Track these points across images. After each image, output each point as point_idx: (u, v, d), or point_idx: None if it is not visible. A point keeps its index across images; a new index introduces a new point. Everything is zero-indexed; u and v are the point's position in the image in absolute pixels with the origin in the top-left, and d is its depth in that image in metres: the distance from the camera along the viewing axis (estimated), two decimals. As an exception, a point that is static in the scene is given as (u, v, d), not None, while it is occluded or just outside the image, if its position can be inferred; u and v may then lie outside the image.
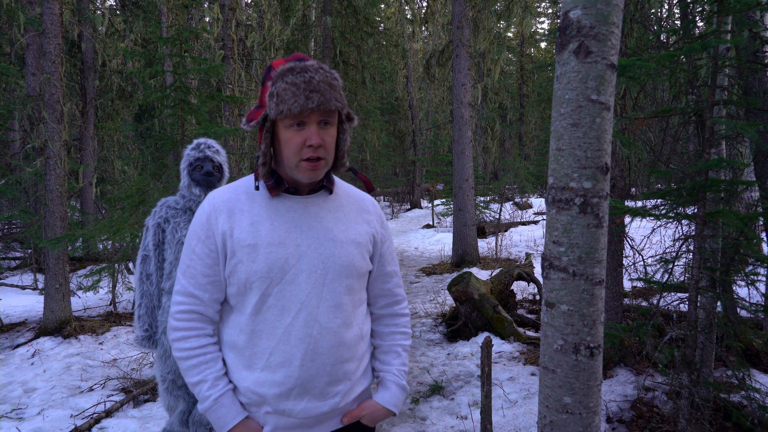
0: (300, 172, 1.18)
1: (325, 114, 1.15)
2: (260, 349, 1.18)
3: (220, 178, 2.53)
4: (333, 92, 1.14)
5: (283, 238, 1.19)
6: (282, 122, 1.15)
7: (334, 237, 1.23)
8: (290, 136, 1.15)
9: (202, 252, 1.22)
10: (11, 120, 8.63)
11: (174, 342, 1.22)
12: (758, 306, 3.01)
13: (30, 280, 8.30)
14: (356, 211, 1.32)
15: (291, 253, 1.19)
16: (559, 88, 1.49)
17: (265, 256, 1.17)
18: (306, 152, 1.15)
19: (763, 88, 3.31)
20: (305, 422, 1.21)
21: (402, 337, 1.42)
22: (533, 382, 3.81)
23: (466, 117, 8.67)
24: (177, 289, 1.24)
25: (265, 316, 1.18)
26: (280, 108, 1.12)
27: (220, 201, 1.23)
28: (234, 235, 1.19)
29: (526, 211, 15.78)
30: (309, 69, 1.14)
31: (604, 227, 1.48)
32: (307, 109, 1.11)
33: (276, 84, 1.14)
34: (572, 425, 1.49)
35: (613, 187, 4.00)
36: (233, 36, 7.71)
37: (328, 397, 1.22)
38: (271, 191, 1.22)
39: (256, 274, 1.17)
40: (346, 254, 1.24)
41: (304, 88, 1.11)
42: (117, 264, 5.75)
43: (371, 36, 13.20)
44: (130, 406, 3.66)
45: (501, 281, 5.49)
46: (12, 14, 7.14)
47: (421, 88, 24.12)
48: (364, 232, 1.30)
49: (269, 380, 1.18)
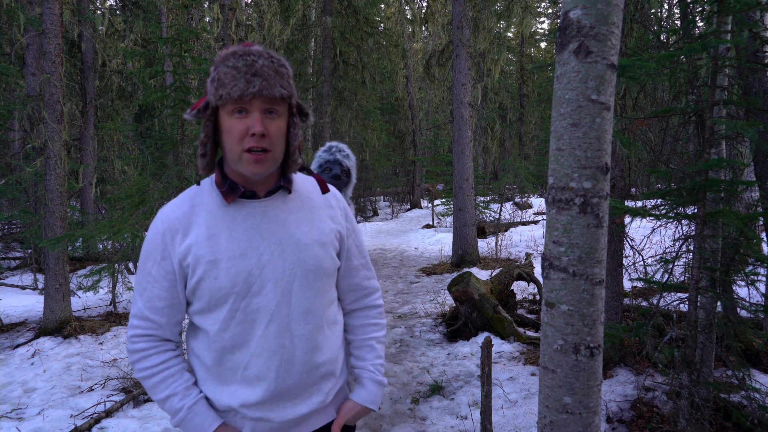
0: (243, 165, 1.09)
1: (270, 102, 1.07)
2: (234, 363, 1.15)
3: (347, 183, 2.57)
4: (279, 79, 1.07)
5: (244, 249, 1.13)
6: (223, 109, 1.08)
7: (297, 240, 1.17)
8: (232, 123, 1.07)
9: (158, 274, 1.15)
10: (11, 120, 8.63)
11: (134, 363, 1.18)
12: (758, 306, 3.01)
13: (30, 280, 8.30)
14: (318, 208, 1.26)
15: (254, 264, 1.13)
16: (559, 88, 1.49)
17: (227, 270, 1.11)
18: (248, 141, 1.07)
19: (763, 88, 3.31)
20: (283, 425, 1.20)
21: (375, 328, 1.38)
22: (533, 382, 3.81)
23: (466, 117, 8.67)
24: (133, 312, 1.19)
25: (235, 331, 1.14)
26: (220, 92, 1.05)
27: (174, 218, 1.15)
28: (192, 252, 1.12)
29: (526, 211, 15.78)
30: (252, 53, 1.07)
31: (604, 227, 1.48)
32: (247, 93, 1.04)
33: (218, 69, 1.07)
34: (572, 425, 1.49)
35: (613, 187, 4.00)
36: (233, 36, 7.71)
37: (306, 399, 1.20)
38: (226, 197, 1.14)
39: (220, 290, 1.12)
40: (312, 257, 1.19)
41: (245, 72, 1.04)
42: (117, 264, 5.75)
43: (371, 36, 13.19)
44: (130, 406, 3.66)
45: (501, 281, 5.49)
46: (12, 14, 7.14)
47: (421, 88, 24.11)
48: (329, 229, 1.24)
49: (245, 394, 1.16)
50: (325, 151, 2.55)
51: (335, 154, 2.53)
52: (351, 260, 1.34)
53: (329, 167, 2.50)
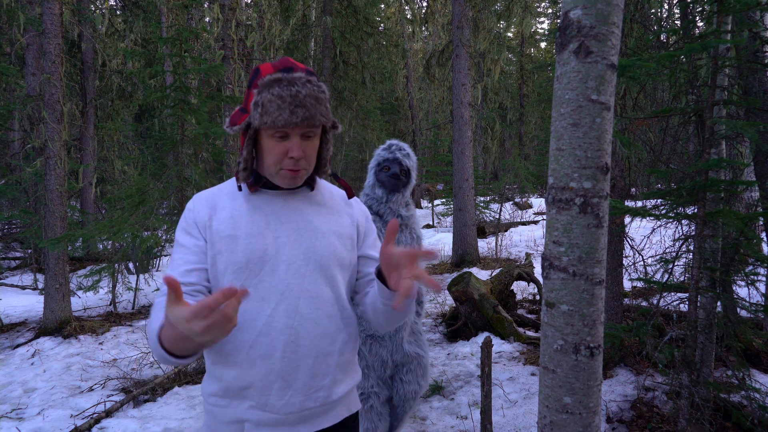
0: (279, 179, 1.20)
1: (309, 127, 1.16)
2: (240, 342, 1.16)
3: (406, 183, 2.44)
4: (318, 107, 1.15)
5: (262, 230, 1.19)
6: (265, 131, 1.16)
7: (314, 228, 1.23)
8: (272, 145, 1.16)
9: (189, 242, 1.20)
10: (11, 120, 8.64)
11: (153, 311, 1.10)
12: (758, 306, 3.01)
13: (30, 280, 8.30)
14: (338, 205, 1.32)
15: (270, 244, 1.18)
16: (559, 88, 1.49)
17: (244, 246, 1.17)
18: (287, 163, 1.17)
19: (763, 88, 3.31)
20: (288, 418, 1.18)
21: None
22: (533, 382, 3.81)
23: (466, 117, 8.67)
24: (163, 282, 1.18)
25: (245, 308, 1.16)
26: (264, 119, 1.12)
27: (203, 197, 1.25)
28: (213, 227, 1.19)
29: (526, 211, 15.79)
30: (296, 82, 1.13)
31: (604, 227, 1.48)
32: (291, 123, 1.11)
33: (262, 94, 1.14)
34: (572, 425, 1.49)
35: (613, 187, 4.01)
36: (233, 36, 7.72)
37: (312, 391, 1.19)
38: (250, 187, 1.23)
39: (235, 264, 1.16)
40: (328, 245, 1.23)
41: (289, 102, 1.11)
42: (117, 264, 5.75)
43: (371, 36, 13.19)
44: (130, 406, 3.66)
45: (501, 281, 5.49)
46: (12, 14, 7.14)
47: (421, 88, 24.12)
48: (347, 224, 1.30)
49: (250, 374, 1.16)
50: (385, 149, 2.43)
51: (395, 152, 2.40)
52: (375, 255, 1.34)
53: (388, 165, 2.38)
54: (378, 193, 2.39)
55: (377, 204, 2.40)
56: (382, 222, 2.41)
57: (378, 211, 2.42)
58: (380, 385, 2.43)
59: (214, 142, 5.16)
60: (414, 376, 2.49)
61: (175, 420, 3.39)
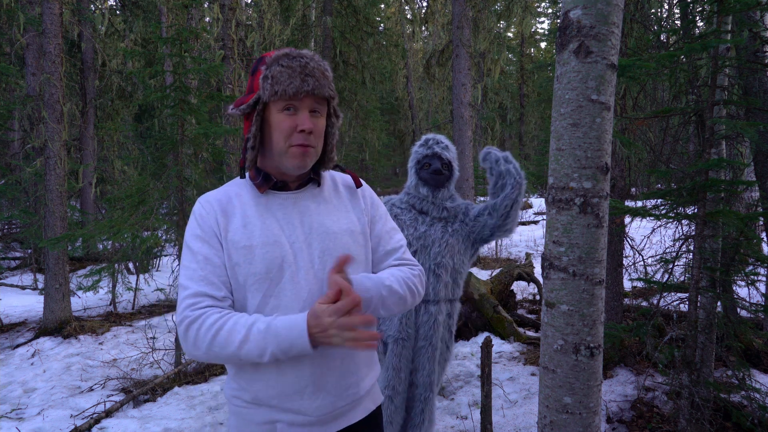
0: (289, 159, 1.17)
1: (317, 102, 1.17)
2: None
3: (449, 177, 2.33)
4: (326, 80, 1.17)
5: (277, 237, 1.18)
6: (274, 105, 1.16)
7: (327, 229, 1.22)
8: (282, 119, 1.15)
9: (210, 253, 1.16)
10: (11, 120, 8.63)
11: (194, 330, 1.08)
12: (758, 306, 3.01)
13: (30, 280, 8.30)
14: (346, 199, 1.32)
15: (287, 251, 1.17)
16: (559, 88, 1.49)
17: (262, 256, 1.15)
18: (297, 138, 1.16)
19: (763, 88, 3.31)
20: (321, 419, 1.19)
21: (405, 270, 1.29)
22: (533, 382, 3.81)
23: (466, 117, 8.67)
24: (184, 295, 1.12)
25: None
26: (275, 89, 1.13)
27: (213, 200, 1.21)
28: (229, 238, 1.17)
29: (526, 211, 15.80)
30: (304, 56, 1.17)
31: (604, 227, 1.48)
32: (302, 91, 1.13)
33: (271, 68, 1.16)
34: (572, 425, 1.49)
35: (613, 187, 4.01)
36: (233, 36, 7.72)
37: (342, 390, 1.20)
38: (260, 188, 1.21)
39: (255, 275, 1.14)
40: (342, 246, 1.23)
41: (299, 72, 1.14)
42: (117, 264, 5.74)
43: (371, 36, 13.19)
44: (130, 406, 3.66)
45: (501, 281, 5.49)
46: (12, 14, 7.13)
47: (421, 88, 24.11)
48: (357, 219, 1.30)
49: (280, 382, 1.15)
50: (422, 145, 2.31)
51: (433, 147, 2.28)
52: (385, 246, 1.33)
53: (428, 162, 2.27)
54: (423, 192, 2.30)
55: (420, 202, 2.32)
56: (430, 219, 2.31)
57: (422, 209, 2.33)
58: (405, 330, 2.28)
59: (214, 142, 5.16)
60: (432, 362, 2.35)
61: (175, 420, 3.38)
